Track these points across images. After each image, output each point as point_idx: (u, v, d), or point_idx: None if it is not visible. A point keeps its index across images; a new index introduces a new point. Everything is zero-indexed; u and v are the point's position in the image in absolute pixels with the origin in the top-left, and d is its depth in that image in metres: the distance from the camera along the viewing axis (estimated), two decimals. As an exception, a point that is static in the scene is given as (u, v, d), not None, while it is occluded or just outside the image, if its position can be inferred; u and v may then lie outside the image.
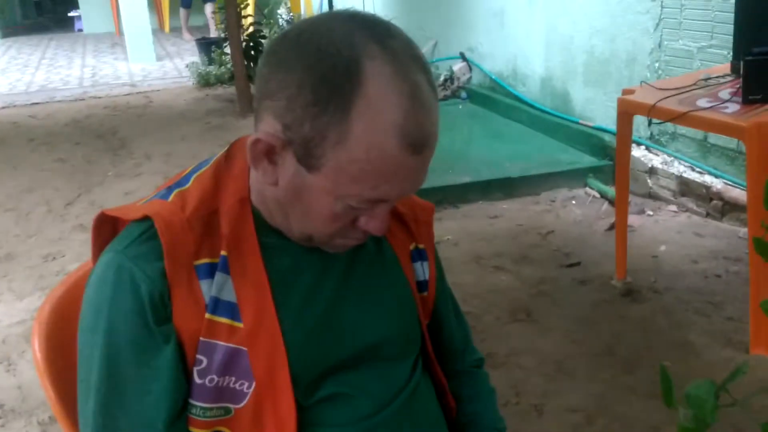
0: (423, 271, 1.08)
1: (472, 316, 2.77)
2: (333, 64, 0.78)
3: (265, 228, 0.93)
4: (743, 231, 3.29)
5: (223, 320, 0.88)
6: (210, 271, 0.89)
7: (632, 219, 3.44)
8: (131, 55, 9.45)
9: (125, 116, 6.48)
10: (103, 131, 5.95)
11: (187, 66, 8.12)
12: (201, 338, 0.88)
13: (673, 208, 3.70)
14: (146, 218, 0.88)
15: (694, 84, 2.69)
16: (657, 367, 2.43)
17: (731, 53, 2.73)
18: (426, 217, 1.09)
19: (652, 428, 2.14)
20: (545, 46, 4.82)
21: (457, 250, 3.40)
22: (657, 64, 3.81)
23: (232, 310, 0.89)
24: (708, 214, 3.53)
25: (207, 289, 0.88)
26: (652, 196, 3.83)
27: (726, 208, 3.44)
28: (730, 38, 2.74)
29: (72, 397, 0.94)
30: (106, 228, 0.94)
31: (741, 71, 2.43)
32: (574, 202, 3.92)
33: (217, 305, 0.88)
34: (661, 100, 2.55)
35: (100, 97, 7.31)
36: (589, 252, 3.32)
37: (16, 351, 2.73)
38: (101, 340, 0.87)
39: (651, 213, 3.68)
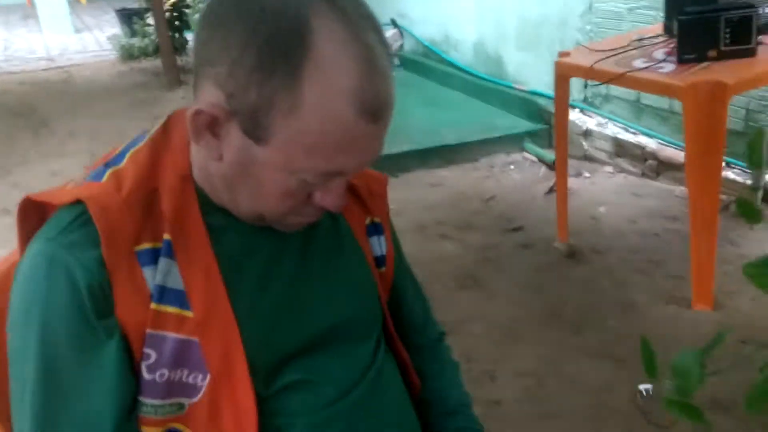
0: (380, 245, 1.03)
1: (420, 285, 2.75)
2: (278, 24, 0.71)
3: (210, 207, 0.85)
4: (679, 189, 3.37)
5: (171, 310, 0.81)
6: (153, 256, 0.81)
7: (570, 182, 3.46)
8: (46, 27, 8.96)
9: (44, 93, 6.15)
10: (21, 109, 5.63)
11: (108, 38, 7.75)
12: (148, 330, 0.80)
13: (609, 169, 3.76)
14: (78, 202, 0.80)
15: (628, 45, 2.71)
16: (603, 327, 2.48)
17: (662, 14, 2.76)
18: (380, 189, 1.03)
19: (602, 387, 2.17)
20: (477, 10, 4.79)
21: (400, 219, 3.36)
22: (588, 27, 3.84)
23: (180, 299, 0.81)
24: (643, 174, 3.60)
25: (151, 276, 0.80)
26: (588, 158, 3.88)
27: (661, 168, 3.51)
28: (662, -1, 2.76)
29: (3, 398, 0.86)
30: (33, 214, 0.85)
31: (675, 31, 2.45)
32: (512, 167, 3.93)
33: (164, 294, 0.81)
34: (597, 61, 2.56)
35: (15, 73, 6.92)
36: (530, 216, 3.34)
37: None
38: (35, 338, 0.79)
39: (588, 175, 3.73)
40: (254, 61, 0.71)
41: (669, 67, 2.43)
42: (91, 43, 8.47)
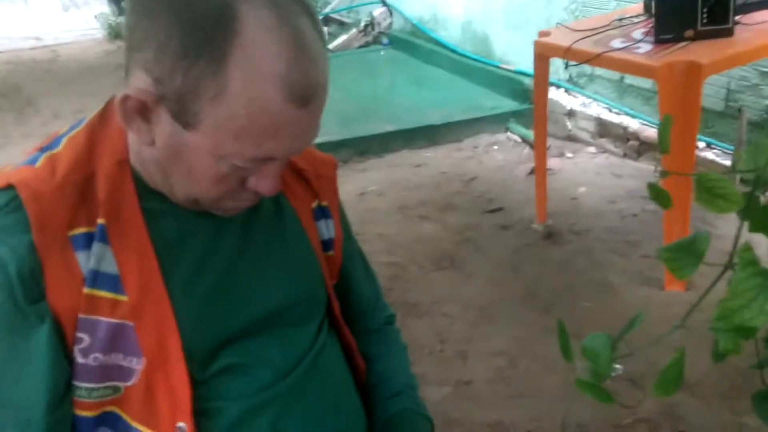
0: (327, 229, 1.03)
1: (398, 266, 2.76)
2: (203, 9, 0.70)
3: (147, 192, 0.85)
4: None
5: (105, 294, 0.81)
6: (87, 241, 0.81)
7: (552, 162, 3.47)
8: (33, 4, 8.87)
9: (30, 72, 6.11)
10: (5, 89, 5.59)
11: (95, 17, 7.68)
12: (80, 315, 0.81)
13: (592, 149, 3.75)
14: (10, 187, 0.80)
15: (609, 24, 2.69)
16: (577, 308, 2.49)
17: (645, -7, 2.73)
18: (328, 172, 1.03)
19: (573, 367, 2.18)
20: (465, -12, 4.75)
21: (382, 200, 3.36)
22: (574, 6, 3.81)
23: (114, 283, 0.82)
24: (625, 155, 3.60)
25: (85, 261, 0.81)
26: (571, 138, 3.87)
27: (642, 148, 3.50)
28: (644, -22, 2.74)
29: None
30: None
31: (653, 11, 2.43)
32: (496, 147, 3.92)
33: (97, 278, 0.81)
34: (576, 41, 2.54)
35: (1, 52, 6.86)
36: (511, 197, 3.33)
37: None
38: None
39: (570, 155, 3.72)
40: (179, 47, 0.71)
41: (646, 47, 2.41)
42: (79, 21, 8.39)
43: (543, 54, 2.72)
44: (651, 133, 3.45)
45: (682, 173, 2.29)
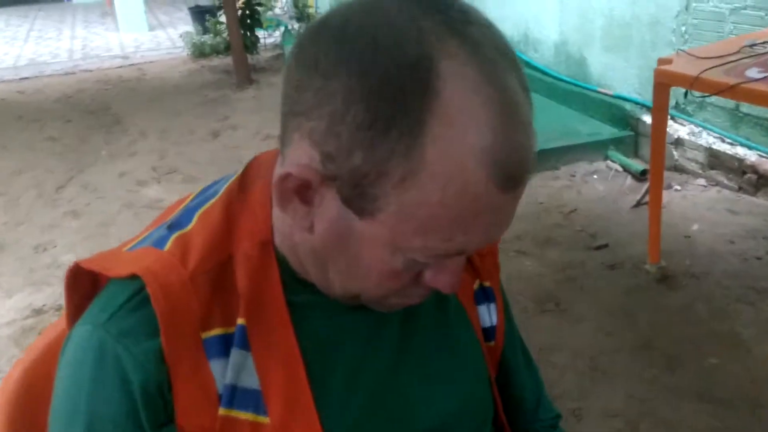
0: (489, 315, 0.85)
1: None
2: (395, 66, 0.54)
3: (294, 282, 0.69)
4: (782, 207, 3.08)
5: (244, 416, 0.66)
6: (224, 346, 0.66)
7: (661, 195, 3.22)
8: (122, 25, 9.12)
9: (118, 90, 6.21)
10: (95, 107, 5.69)
11: (180, 36, 7.80)
12: None
13: (702, 182, 3.48)
14: (134, 276, 0.65)
15: (738, 51, 2.45)
16: (702, 364, 2.25)
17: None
18: (491, 246, 0.85)
19: (703, 436, 1.96)
20: (560, 7, 4.54)
21: (475, 232, 3.19)
22: (684, 28, 3.55)
23: (254, 401, 0.66)
24: (741, 189, 3.31)
25: (220, 372, 0.66)
26: (678, 169, 3.60)
27: (761, 182, 3.22)
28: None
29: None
30: (84, 281, 0.71)
31: (795, 37, 2.19)
32: (595, 176, 3.69)
33: (235, 395, 0.66)
34: (705, 70, 2.31)
35: (91, 71, 7.03)
36: (616, 232, 3.10)
37: (4, 356, 2.53)
38: None
39: (678, 188, 3.46)
40: (362, 115, 0.55)
41: (788, 77, 2.17)
42: (164, 40, 8.56)
43: (664, 83, 2.50)
44: (772, 166, 3.16)
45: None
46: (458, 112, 0.54)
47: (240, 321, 0.66)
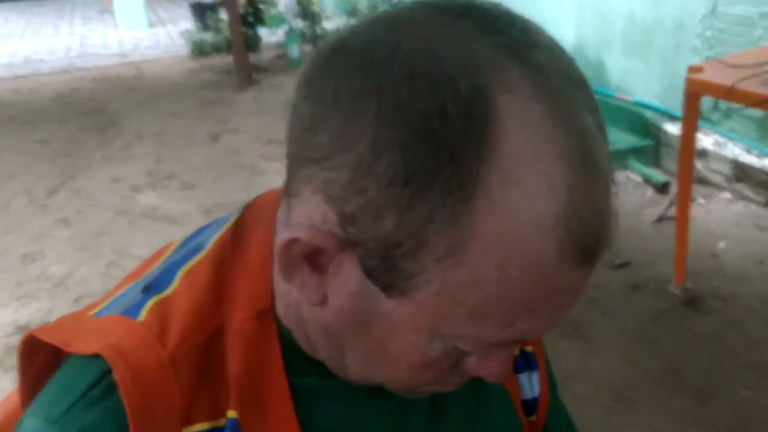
0: (531, 385, 0.71)
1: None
2: (441, 104, 0.40)
3: (300, 361, 0.55)
4: (814, 225, 2.91)
5: None
6: None
7: (684, 210, 3.05)
8: (121, 21, 8.95)
9: (114, 90, 6.04)
10: (90, 107, 5.52)
11: (180, 33, 7.63)
12: None
13: (727, 195, 3.31)
14: (99, 356, 0.50)
15: (775, 59, 2.29)
16: (735, 397, 2.07)
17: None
18: None
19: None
20: (577, 9, 4.37)
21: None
22: (709, 32, 3.38)
23: None
24: (768, 203, 3.14)
25: None
26: (701, 181, 3.43)
27: (790, 197, 3.05)
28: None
29: None
30: (41, 354, 0.55)
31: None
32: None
33: None
34: (741, 80, 2.15)
35: (88, 69, 6.86)
36: (638, 249, 2.93)
37: (-15, 378, 2.37)
38: None
39: (702, 201, 3.29)
40: (395, 167, 0.40)
41: (831, 88, 2.01)
42: (164, 37, 8.39)
43: (695, 92, 2.33)
44: (803, 180, 2.99)
45: None
46: (523, 167, 0.40)
47: (231, 414, 0.52)
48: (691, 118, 2.40)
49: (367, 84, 0.41)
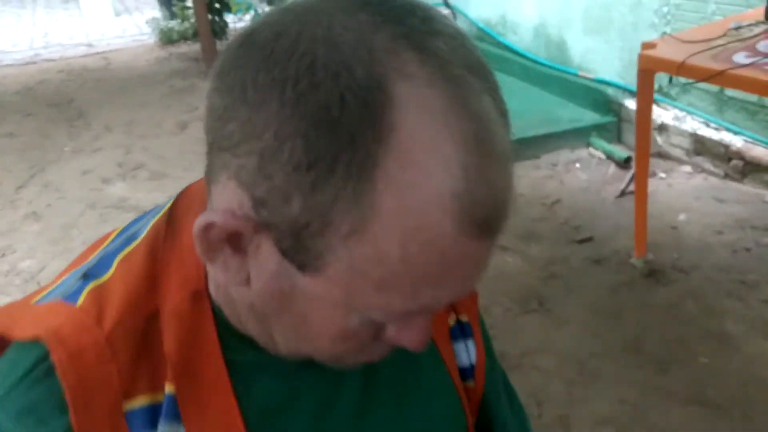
0: (468, 353, 0.74)
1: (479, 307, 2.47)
2: (340, 93, 0.43)
3: (233, 338, 0.58)
4: (770, 195, 3.00)
5: None
6: (150, 417, 0.55)
7: (645, 184, 3.12)
8: (86, 10, 8.82)
9: (82, 81, 5.98)
10: (57, 99, 5.47)
11: (147, 22, 7.56)
12: None
13: (687, 168, 3.39)
14: (38, 340, 0.53)
15: (725, 35, 2.34)
16: (693, 365, 2.16)
17: (762, -4, 2.38)
18: None
19: (698, 443, 1.87)
20: (537, -10, 4.41)
21: (454, 227, 3.07)
22: (666, 9, 3.44)
23: None
24: (727, 176, 3.22)
25: None
26: (662, 155, 3.51)
27: (747, 169, 3.13)
28: (764, -21, 2.38)
29: None
30: None
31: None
32: (578, 165, 3.58)
33: None
34: (691, 55, 2.20)
35: (54, 60, 6.78)
36: (600, 224, 3.00)
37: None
38: None
39: (663, 175, 3.36)
40: (299, 153, 0.44)
41: (778, 62, 2.07)
42: (131, 26, 8.29)
43: (649, 69, 2.38)
44: (758, 152, 3.07)
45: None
46: (419, 149, 0.43)
47: (169, 388, 0.55)
48: (646, 94, 2.46)
49: (270, 76, 0.44)
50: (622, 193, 3.19)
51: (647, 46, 2.43)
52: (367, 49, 0.43)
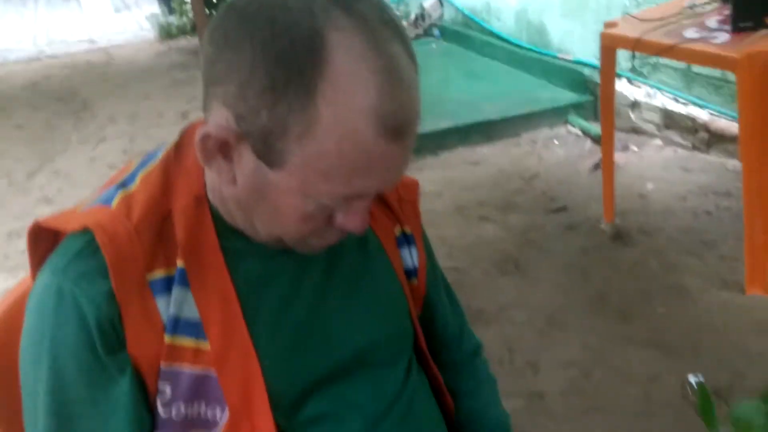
0: (411, 257, 0.97)
1: (459, 271, 2.69)
2: (290, 40, 0.65)
3: (226, 230, 0.81)
4: (731, 163, 3.21)
5: (187, 341, 0.77)
6: (166, 285, 0.77)
7: (617, 156, 3.32)
8: (87, 7, 9.02)
9: (86, 76, 6.19)
10: (63, 93, 5.68)
11: (146, 18, 7.76)
12: (162, 364, 0.76)
13: (658, 142, 3.60)
14: (86, 230, 0.76)
15: (680, 13, 2.55)
16: (652, 315, 2.38)
17: (717, -22, 2.58)
18: (411, 196, 0.97)
19: (651, 378, 2.08)
20: (519, -23, 4.61)
21: (440, 201, 3.29)
22: (636, -8, 3.64)
23: (195, 329, 0.77)
24: (694, 147, 3.44)
25: (164, 307, 0.77)
26: (635, 130, 3.72)
27: (712, 140, 3.34)
28: (717, -38, 2.58)
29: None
30: (44, 239, 0.80)
31: (729, -3, 2.29)
32: (556, 141, 3.80)
33: (178, 325, 0.77)
34: (646, 32, 2.41)
35: (57, 56, 6.99)
36: (575, 195, 3.22)
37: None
38: (45, 375, 0.76)
39: (636, 149, 3.58)
40: (264, 81, 0.65)
41: (723, 36, 2.28)
42: (131, 22, 8.50)
43: (610, 46, 2.60)
44: (722, 124, 3.28)
45: None
46: (346, 77, 0.65)
47: (179, 263, 0.77)
48: (608, 70, 2.67)
49: (245, 30, 0.66)
50: (596, 167, 3.40)
51: (609, 25, 2.64)
52: (309, 10, 0.66)
